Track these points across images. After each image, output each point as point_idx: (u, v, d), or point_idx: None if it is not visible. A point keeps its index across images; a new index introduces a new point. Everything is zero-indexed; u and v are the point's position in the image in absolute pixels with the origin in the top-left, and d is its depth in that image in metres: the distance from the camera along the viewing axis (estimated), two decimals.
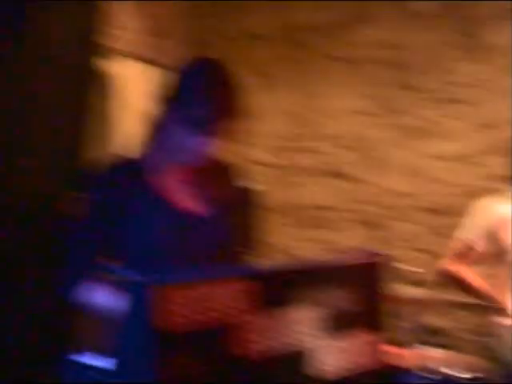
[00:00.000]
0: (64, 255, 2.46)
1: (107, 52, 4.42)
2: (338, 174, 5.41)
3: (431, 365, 3.17)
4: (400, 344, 3.24)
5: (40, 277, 3.57)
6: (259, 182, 2.72)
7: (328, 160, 5.44)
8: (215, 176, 2.49)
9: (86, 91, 4.14)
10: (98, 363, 1.79)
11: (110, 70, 4.52)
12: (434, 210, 5.11)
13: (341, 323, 1.89)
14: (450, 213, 5.02)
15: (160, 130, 2.43)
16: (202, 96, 2.31)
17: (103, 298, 2.24)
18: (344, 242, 5.35)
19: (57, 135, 3.87)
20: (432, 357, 3.67)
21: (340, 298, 1.89)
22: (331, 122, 5.43)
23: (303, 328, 1.82)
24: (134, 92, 4.72)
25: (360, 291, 1.92)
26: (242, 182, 2.60)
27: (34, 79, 3.67)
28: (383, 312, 2.00)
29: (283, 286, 1.81)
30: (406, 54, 5.16)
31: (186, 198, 2.43)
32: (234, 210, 2.51)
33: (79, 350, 1.95)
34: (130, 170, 2.43)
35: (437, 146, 5.10)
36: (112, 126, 4.52)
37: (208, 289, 1.68)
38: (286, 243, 5.53)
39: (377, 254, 2.00)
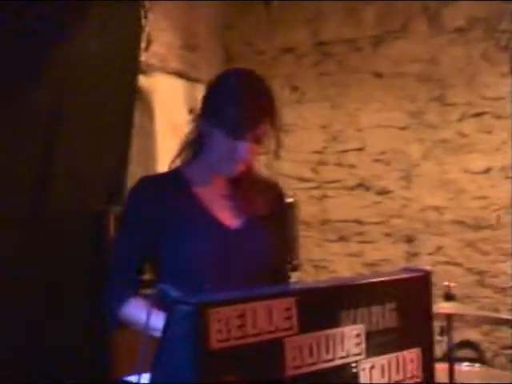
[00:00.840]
0: (106, 270, 2.44)
1: (144, 67, 4.43)
2: (368, 188, 5.36)
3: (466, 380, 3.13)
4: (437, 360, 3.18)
5: (83, 294, 3.57)
6: (290, 195, 2.71)
7: (359, 173, 5.40)
8: (254, 189, 2.46)
9: (129, 106, 4.15)
10: (142, 382, 1.76)
11: (147, 85, 4.53)
12: (465, 224, 5.05)
13: (385, 340, 1.84)
14: (482, 227, 4.98)
15: (199, 142, 2.40)
16: (241, 105, 2.28)
17: (145, 315, 2.22)
18: (376, 256, 5.31)
19: (101, 151, 3.88)
20: (467, 372, 3.62)
21: (384, 315, 1.85)
22: (362, 135, 5.39)
23: (346, 346, 1.78)
24: (168, 106, 4.71)
25: (405, 307, 1.88)
26: (279, 196, 2.57)
27: (75, 94, 3.68)
28: (428, 328, 1.96)
29: (325, 303, 1.77)
30: (438, 68, 5.11)
31: (226, 211, 2.40)
32: (273, 223, 2.47)
33: (124, 370, 1.93)
34: (169, 184, 2.40)
35: (469, 160, 5.04)
36: (151, 141, 4.52)
37: (249, 306, 1.64)
38: (318, 257, 5.50)
39: (420, 270, 1.96)
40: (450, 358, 3.46)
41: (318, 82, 5.53)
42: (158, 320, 1.82)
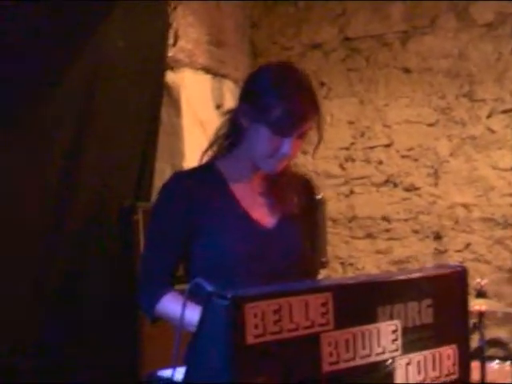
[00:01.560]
0: (135, 266, 2.44)
1: (171, 62, 4.42)
2: (396, 184, 5.33)
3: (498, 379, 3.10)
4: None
5: (112, 290, 3.58)
6: (318, 192, 2.69)
7: (386, 170, 5.36)
8: (289, 187, 2.43)
9: (156, 102, 4.15)
10: (177, 377, 1.75)
11: (174, 80, 4.52)
12: (494, 221, 5.01)
13: (421, 337, 1.82)
14: (511, 224, 4.94)
15: (235, 137, 2.37)
16: (290, 102, 2.24)
17: (180, 310, 2.22)
18: (404, 253, 5.28)
19: (128, 147, 3.89)
20: (497, 370, 3.59)
21: (420, 311, 1.83)
22: (390, 131, 5.36)
23: (382, 342, 1.76)
24: (195, 102, 4.71)
25: (441, 304, 1.85)
26: (312, 192, 2.55)
27: (103, 90, 3.68)
28: (464, 325, 1.94)
29: (361, 299, 1.75)
30: (467, 64, 5.07)
31: (261, 209, 2.37)
32: (305, 220, 2.45)
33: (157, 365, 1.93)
34: (204, 179, 2.37)
35: (498, 157, 5.00)
36: (177, 137, 4.51)
37: (285, 301, 1.63)
38: (345, 254, 5.48)
39: (456, 266, 1.94)
40: (482, 356, 3.42)
41: (345, 77, 5.51)
42: (193, 314, 1.81)
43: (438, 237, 5.19)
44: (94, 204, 3.60)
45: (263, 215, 2.37)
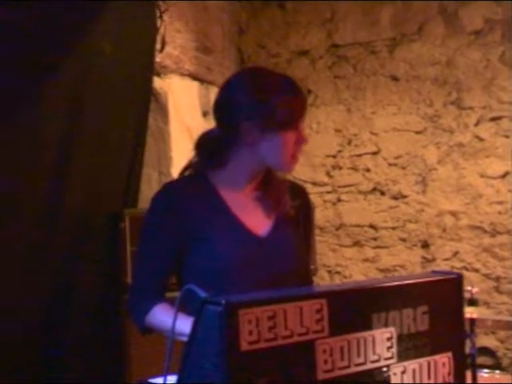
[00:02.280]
0: (123, 274, 2.42)
1: (158, 68, 4.40)
2: (384, 192, 5.32)
3: None
4: None
5: (98, 295, 3.56)
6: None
7: (374, 178, 5.36)
8: (283, 188, 2.42)
9: (144, 107, 4.13)
10: None
11: (161, 87, 4.51)
12: (482, 229, 5.01)
13: (416, 344, 1.80)
14: (499, 232, 4.94)
15: (225, 147, 2.34)
16: (289, 91, 2.27)
17: (171, 318, 2.19)
18: (392, 262, 5.28)
19: (115, 153, 3.86)
20: (487, 379, 3.57)
21: (415, 318, 1.81)
22: (377, 139, 5.35)
23: (377, 349, 1.74)
24: (183, 108, 4.69)
25: (436, 311, 1.84)
26: (306, 200, 2.53)
27: (89, 95, 3.65)
28: (460, 332, 1.92)
29: (356, 305, 1.73)
30: (455, 72, 5.07)
31: (254, 217, 2.35)
32: (300, 227, 2.43)
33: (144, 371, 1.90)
34: (195, 190, 2.34)
35: (486, 164, 5.00)
36: (165, 143, 4.49)
37: (280, 307, 1.61)
38: (332, 262, 5.47)
39: (451, 273, 1.92)
40: (473, 365, 3.41)
41: (332, 85, 5.50)
42: (184, 324, 1.79)
43: (425, 245, 5.19)
44: (80, 210, 3.58)
45: (256, 223, 2.35)
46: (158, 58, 4.43)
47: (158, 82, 4.47)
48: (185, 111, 4.71)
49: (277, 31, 5.64)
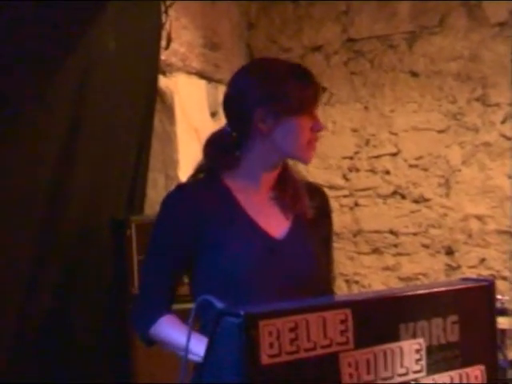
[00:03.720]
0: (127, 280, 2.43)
1: (164, 66, 4.42)
2: (404, 196, 5.32)
3: None
4: None
5: (102, 303, 3.58)
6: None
7: (394, 180, 5.36)
8: (300, 187, 2.43)
9: (149, 108, 4.14)
10: None
11: (167, 86, 4.52)
12: (510, 234, 5.00)
13: (446, 356, 1.81)
14: None
15: (239, 146, 2.36)
16: (302, 77, 2.32)
17: (177, 332, 2.20)
18: (413, 270, 5.27)
19: (119, 156, 3.88)
20: None
21: (445, 328, 1.81)
22: (397, 139, 5.35)
23: (405, 362, 1.74)
24: (190, 108, 4.70)
25: (467, 320, 1.84)
26: (325, 200, 2.55)
27: (93, 95, 3.67)
28: (492, 343, 1.92)
29: (383, 315, 1.74)
30: (479, 66, 5.07)
31: (271, 219, 2.36)
32: (319, 229, 2.45)
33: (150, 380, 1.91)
34: (209, 191, 2.36)
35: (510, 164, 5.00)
36: (171, 145, 4.50)
37: (302, 318, 1.61)
38: (350, 271, 5.47)
39: (482, 280, 1.92)
40: (505, 379, 3.41)
41: (348, 82, 5.50)
42: (198, 344, 1.81)
43: (449, 252, 5.18)
44: (84, 217, 3.59)
45: (273, 224, 2.37)
46: (164, 56, 4.44)
47: (163, 81, 4.47)
48: (192, 111, 4.72)
49: (289, 25, 5.65)
